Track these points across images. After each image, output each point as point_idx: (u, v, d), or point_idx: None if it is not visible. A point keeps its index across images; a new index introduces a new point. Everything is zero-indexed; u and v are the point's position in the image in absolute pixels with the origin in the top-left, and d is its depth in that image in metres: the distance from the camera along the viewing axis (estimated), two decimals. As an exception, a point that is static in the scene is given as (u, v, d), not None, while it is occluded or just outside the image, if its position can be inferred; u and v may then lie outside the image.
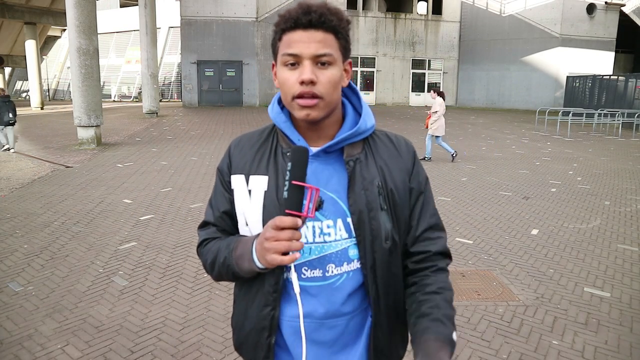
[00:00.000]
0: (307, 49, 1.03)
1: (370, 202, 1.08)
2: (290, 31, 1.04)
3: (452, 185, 7.44)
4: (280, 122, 1.13)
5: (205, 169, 8.36)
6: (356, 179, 1.09)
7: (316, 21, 1.03)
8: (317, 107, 1.04)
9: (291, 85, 1.04)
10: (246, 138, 1.20)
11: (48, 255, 4.31)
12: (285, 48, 1.05)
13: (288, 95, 1.06)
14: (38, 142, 11.85)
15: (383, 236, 1.09)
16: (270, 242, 0.96)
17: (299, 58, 1.03)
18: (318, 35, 1.03)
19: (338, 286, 1.10)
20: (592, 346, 2.95)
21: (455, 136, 13.83)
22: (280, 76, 1.07)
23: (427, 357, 0.98)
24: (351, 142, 1.12)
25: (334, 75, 1.05)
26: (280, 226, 0.95)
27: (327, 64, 1.04)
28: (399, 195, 1.13)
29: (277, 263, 0.97)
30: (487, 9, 26.89)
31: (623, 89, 19.63)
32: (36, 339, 2.94)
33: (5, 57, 28.08)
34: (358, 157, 1.11)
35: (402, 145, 1.19)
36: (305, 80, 1.02)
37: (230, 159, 1.18)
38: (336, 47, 1.06)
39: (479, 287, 3.76)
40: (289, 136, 1.12)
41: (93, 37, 10.52)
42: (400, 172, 1.14)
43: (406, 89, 28.23)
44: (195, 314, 3.28)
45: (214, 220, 1.19)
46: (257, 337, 1.14)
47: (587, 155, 10.77)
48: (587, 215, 5.88)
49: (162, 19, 26.12)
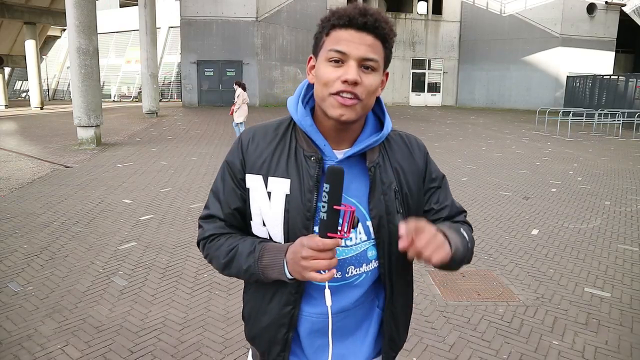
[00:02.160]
0: (357, 49, 1.02)
1: (389, 206, 1.11)
2: (342, 28, 1.03)
3: (452, 185, 7.41)
4: (306, 125, 1.10)
5: (205, 169, 8.35)
6: (377, 184, 1.11)
7: (371, 25, 1.03)
8: (353, 109, 1.04)
9: (332, 82, 1.03)
10: (260, 133, 1.15)
11: (48, 256, 4.31)
12: (333, 44, 1.03)
13: (326, 90, 1.04)
14: (38, 142, 11.85)
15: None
16: (309, 261, 0.97)
17: (346, 57, 1.02)
18: (369, 39, 1.03)
19: (356, 284, 1.15)
20: (593, 346, 2.95)
21: (456, 136, 13.83)
22: (322, 71, 1.05)
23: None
24: (373, 147, 1.13)
25: (375, 81, 1.05)
26: (323, 249, 0.95)
27: (371, 69, 1.04)
28: (413, 198, 1.17)
29: (317, 280, 0.99)
30: (487, 8, 26.90)
31: (623, 88, 19.63)
32: (36, 339, 2.94)
33: (5, 57, 28.00)
34: (378, 162, 1.12)
35: (414, 146, 1.21)
36: (349, 80, 1.01)
37: (243, 156, 1.14)
38: (382, 55, 1.06)
39: (479, 287, 3.76)
40: (314, 140, 1.11)
41: (93, 37, 10.51)
42: (413, 174, 1.18)
43: (406, 89, 28.23)
44: (195, 314, 3.28)
45: (223, 216, 1.16)
46: (274, 332, 1.16)
47: (588, 155, 10.76)
48: (588, 215, 5.88)
49: (162, 19, 26.11)
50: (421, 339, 3.00)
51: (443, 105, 28.34)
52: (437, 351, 2.87)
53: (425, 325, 3.17)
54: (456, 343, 2.97)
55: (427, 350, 2.88)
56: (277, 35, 23.43)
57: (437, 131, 15.00)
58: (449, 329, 3.13)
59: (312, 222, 1.08)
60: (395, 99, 27.92)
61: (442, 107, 27.23)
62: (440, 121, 18.51)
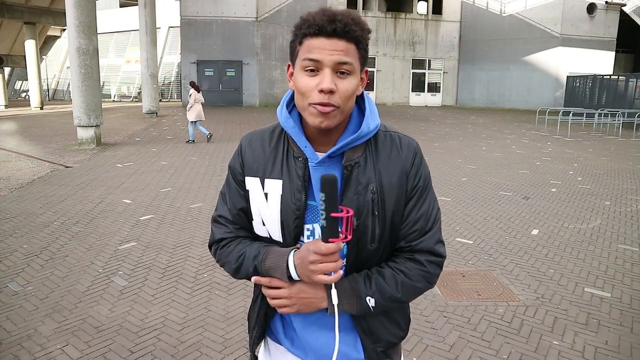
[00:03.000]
0: (330, 56, 1.04)
1: (361, 207, 1.10)
2: (313, 37, 1.05)
3: (452, 185, 7.44)
4: (289, 127, 1.14)
5: (205, 169, 8.35)
6: (351, 184, 1.11)
7: (341, 30, 1.03)
8: (332, 116, 1.06)
9: (310, 91, 1.05)
10: (257, 137, 1.21)
11: (47, 256, 4.31)
12: (307, 53, 1.05)
13: (304, 100, 1.07)
14: (38, 142, 11.85)
15: (369, 238, 1.12)
16: (317, 265, 1.03)
17: (320, 64, 1.04)
18: (341, 44, 1.04)
19: None
20: (593, 346, 2.94)
21: (456, 136, 13.83)
22: (299, 81, 1.08)
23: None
24: (353, 145, 1.12)
25: (352, 85, 1.07)
26: (327, 253, 1.01)
27: (347, 73, 1.06)
28: (395, 200, 1.13)
29: (324, 282, 1.06)
30: (487, 8, 26.90)
31: (623, 88, 19.63)
32: (36, 339, 2.93)
33: (5, 57, 27.99)
34: (357, 162, 1.12)
35: (403, 146, 1.17)
36: (325, 90, 1.03)
37: (242, 160, 1.21)
38: (356, 57, 1.07)
39: (479, 287, 3.76)
40: (296, 142, 1.14)
41: (93, 37, 10.51)
42: (396, 176, 1.13)
43: (406, 89, 28.24)
44: (195, 314, 3.28)
45: (231, 217, 1.23)
46: (257, 312, 1.27)
47: (588, 155, 10.76)
48: (588, 215, 5.87)
49: (162, 19, 26.12)
50: (421, 339, 3.00)
51: (443, 105, 28.35)
52: (437, 351, 2.87)
53: (425, 325, 3.17)
54: (456, 343, 2.97)
55: (427, 350, 2.88)
56: (277, 35, 23.43)
57: (437, 131, 15.00)
58: (449, 329, 3.13)
59: (302, 220, 1.12)
60: (395, 99, 27.93)
61: (442, 107, 27.24)
62: (441, 121, 18.51)
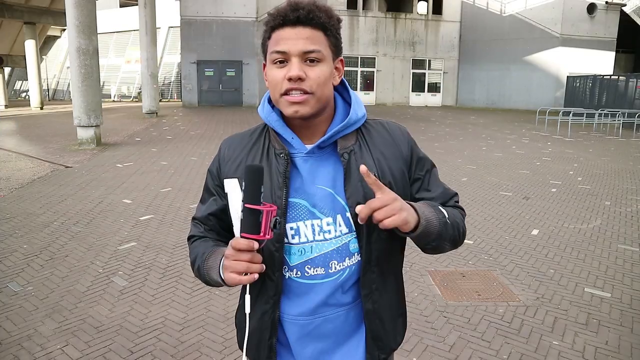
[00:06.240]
0: (295, 45, 1.02)
1: (368, 193, 1.04)
2: (279, 29, 1.04)
3: (452, 185, 7.40)
4: (272, 121, 1.12)
5: (205, 169, 8.31)
6: (352, 170, 1.08)
7: (304, 17, 1.02)
8: (306, 103, 1.03)
9: (279, 82, 1.03)
10: (237, 139, 1.21)
11: (47, 256, 4.30)
12: (274, 46, 1.04)
13: (276, 92, 1.05)
14: (38, 142, 11.84)
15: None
16: (229, 260, 0.95)
17: (287, 55, 1.03)
18: (306, 32, 1.02)
19: (341, 281, 1.11)
20: (593, 347, 2.94)
21: (456, 136, 13.83)
22: (269, 74, 1.07)
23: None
24: (344, 134, 1.10)
25: (323, 72, 1.04)
26: (237, 248, 0.93)
27: (316, 60, 1.03)
28: (397, 186, 1.11)
29: (235, 282, 0.96)
30: (487, 8, 26.87)
31: (623, 89, 19.61)
32: (35, 340, 2.93)
33: (5, 57, 27.96)
34: (352, 149, 1.10)
35: (396, 132, 1.17)
36: (292, 77, 1.01)
37: (220, 163, 1.20)
38: (325, 44, 1.05)
39: (479, 288, 3.76)
40: (281, 134, 1.11)
41: (93, 37, 10.50)
42: (396, 160, 1.13)
43: (406, 89, 28.20)
44: (195, 315, 3.28)
45: (203, 220, 1.22)
46: (259, 337, 1.14)
47: (588, 156, 10.76)
48: (588, 215, 5.87)
49: (162, 19, 26.07)
50: (421, 339, 3.00)
51: (443, 105, 28.32)
52: (437, 351, 2.87)
53: (425, 325, 3.17)
54: (456, 343, 2.96)
55: (427, 350, 2.88)
56: (277, 35, 23.40)
57: (437, 131, 14.99)
58: (449, 329, 3.13)
59: (284, 219, 1.08)
60: (395, 99, 27.90)
61: (442, 107, 27.22)
62: (441, 121, 18.51)
